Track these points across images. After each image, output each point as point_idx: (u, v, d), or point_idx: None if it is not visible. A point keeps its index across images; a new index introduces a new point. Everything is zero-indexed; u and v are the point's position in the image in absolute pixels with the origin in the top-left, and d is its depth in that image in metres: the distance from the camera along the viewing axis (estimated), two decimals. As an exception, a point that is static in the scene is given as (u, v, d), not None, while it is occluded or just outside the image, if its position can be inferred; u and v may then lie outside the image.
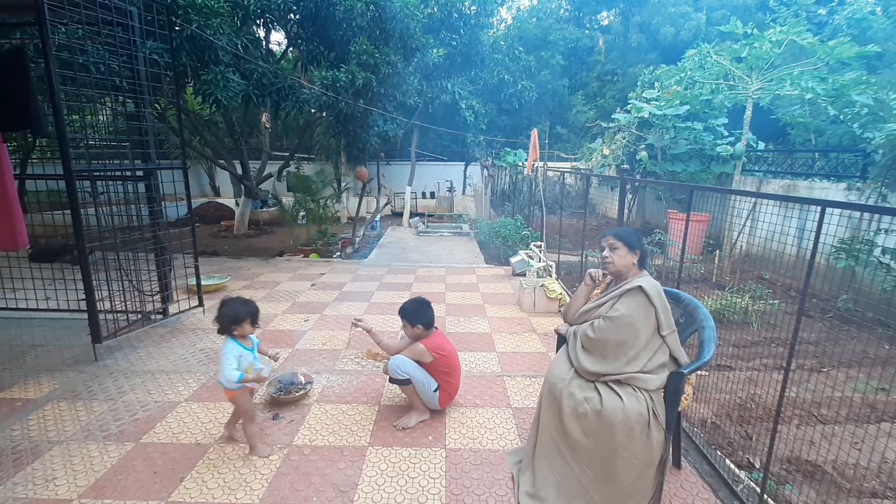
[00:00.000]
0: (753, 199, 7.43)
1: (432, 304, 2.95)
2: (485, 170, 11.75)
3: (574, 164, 12.88)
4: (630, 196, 11.70)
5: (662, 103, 8.02)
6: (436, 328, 2.96)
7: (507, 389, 3.29)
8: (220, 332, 2.48)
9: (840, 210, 2.73)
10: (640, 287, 2.10)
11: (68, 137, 3.41)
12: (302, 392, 3.06)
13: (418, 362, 2.83)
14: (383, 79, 6.81)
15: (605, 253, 2.26)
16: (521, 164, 9.83)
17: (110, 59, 3.91)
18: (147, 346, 4.00)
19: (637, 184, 10.52)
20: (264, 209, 12.20)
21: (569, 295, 5.24)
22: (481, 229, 9.40)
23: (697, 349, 2.22)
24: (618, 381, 2.04)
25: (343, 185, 9.80)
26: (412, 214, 12.24)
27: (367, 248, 8.84)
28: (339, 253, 8.20)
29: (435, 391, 2.83)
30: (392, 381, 2.82)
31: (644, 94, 9.35)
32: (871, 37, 8.97)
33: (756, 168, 8.49)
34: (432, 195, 15.19)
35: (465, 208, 14.53)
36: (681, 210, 8.27)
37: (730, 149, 7.73)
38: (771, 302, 5.13)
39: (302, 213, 9.18)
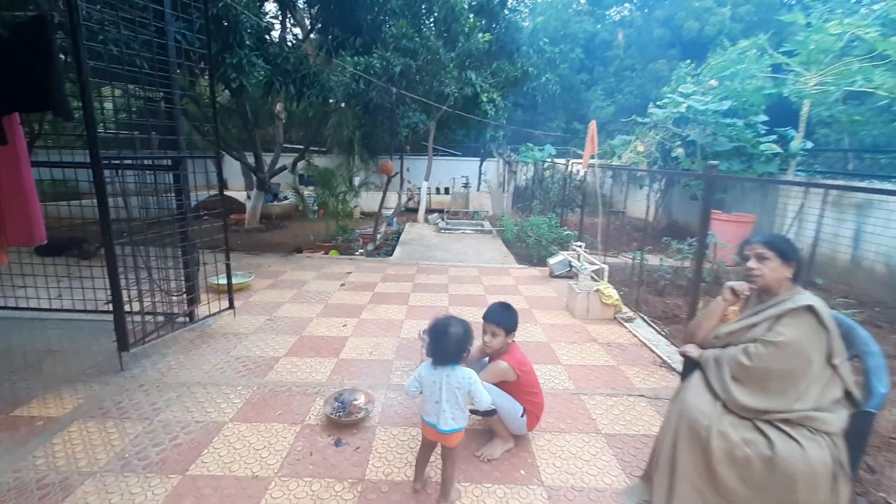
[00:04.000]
0: (801, 200, 7.07)
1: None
2: (508, 165, 11.35)
3: (592, 161, 12.48)
4: (657, 194, 11.34)
5: (707, 98, 7.62)
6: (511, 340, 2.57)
7: (588, 410, 2.93)
8: (442, 362, 2.01)
9: None
10: (810, 307, 1.74)
11: (95, 121, 3.01)
12: (363, 414, 2.69)
13: (501, 384, 2.46)
14: (422, 66, 6.40)
15: (752, 264, 1.88)
16: (549, 159, 9.44)
17: (137, 37, 3.51)
18: (176, 353, 3.62)
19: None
20: (276, 203, 11.80)
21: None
22: (506, 227, 9.03)
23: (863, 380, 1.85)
24: (787, 421, 1.68)
25: (362, 179, 9.41)
26: (427, 210, 11.87)
27: (389, 246, 8.46)
28: (360, 250, 7.82)
29: (522, 416, 2.47)
30: (474, 413, 2.45)
31: (680, 89, 8.96)
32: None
33: (800, 168, 8.11)
34: (447, 191, 14.80)
35: (481, 205, 14.13)
36: (724, 210, 7.89)
37: (773, 146, 7.36)
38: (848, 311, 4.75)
39: (314, 208, 8.79)
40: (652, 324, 4.56)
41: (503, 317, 2.44)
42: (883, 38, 5.43)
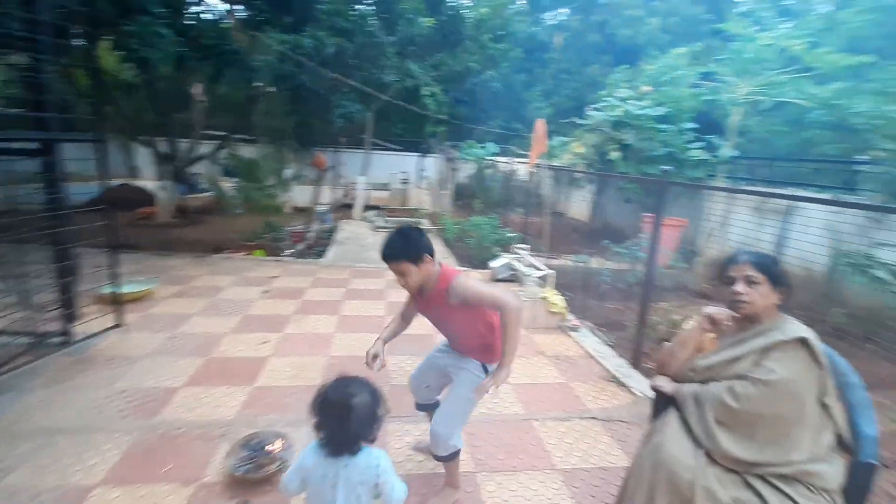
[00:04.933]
0: (725, 205, 7.38)
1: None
2: (449, 162, 11.03)
3: (539, 161, 12.52)
4: (592, 196, 11.57)
5: (643, 103, 7.74)
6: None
7: (541, 440, 2.64)
8: (341, 449, 1.43)
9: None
10: (803, 340, 1.51)
11: None
12: (278, 465, 2.20)
13: (468, 312, 1.93)
14: (359, 49, 5.83)
15: (741, 288, 1.63)
16: (491, 157, 9.24)
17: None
18: (43, 386, 2.88)
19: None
20: (194, 195, 10.63)
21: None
22: (447, 227, 8.71)
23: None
24: (781, 476, 1.44)
25: (294, 171, 8.64)
26: (364, 207, 11.27)
27: (323, 245, 7.82)
28: (290, 250, 7.13)
29: (486, 371, 2.01)
30: (438, 458, 2.04)
31: (617, 93, 9.10)
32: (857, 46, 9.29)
33: (726, 175, 8.51)
34: (385, 187, 14.23)
35: (421, 202, 13.74)
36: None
37: (701, 153, 7.63)
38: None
39: (238, 202, 7.92)
40: (598, 333, 4.41)
41: (404, 248, 1.84)
42: (809, 50, 5.70)
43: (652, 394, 2.65)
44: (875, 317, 4.58)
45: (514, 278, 5.90)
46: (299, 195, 10.50)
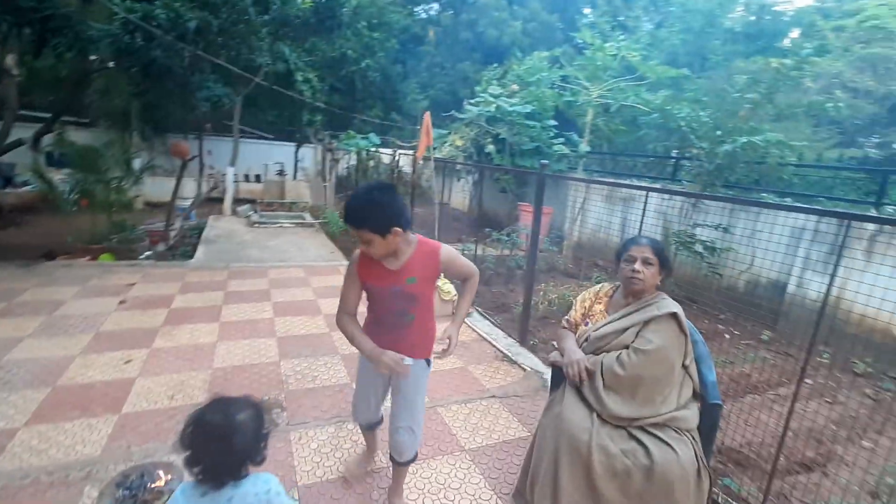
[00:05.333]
0: (584, 194, 8.37)
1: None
2: (329, 153, 10.60)
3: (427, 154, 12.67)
4: (471, 186, 12.15)
5: (514, 100, 8.33)
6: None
7: (448, 425, 2.75)
8: (220, 479, 1.25)
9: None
10: (675, 314, 1.82)
11: None
12: (167, 498, 1.94)
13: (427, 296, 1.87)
14: (226, 26, 5.20)
15: (638, 266, 1.89)
16: (373, 148, 9.11)
17: None
18: None
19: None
20: (10, 189, 8.62)
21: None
22: (331, 220, 8.42)
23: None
24: (655, 425, 1.73)
25: (144, 161, 7.43)
26: (235, 201, 10.30)
27: (188, 245, 6.97)
28: (148, 252, 6.22)
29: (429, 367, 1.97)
30: (404, 463, 1.99)
31: (490, 90, 9.64)
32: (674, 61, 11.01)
33: (584, 168, 9.61)
34: (258, 178, 13.16)
35: (299, 195, 13.00)
36: (529, 202, 8.80)
37: (564, 148, 8.53)
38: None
39: (72, 198, 6.63)
40: (487, 316, 4.70)
41: (369, 216, 1.63)
42: (643, 62, 6.69)
43: (541, 367, 2.91)
44: (695, 283, 5.65)
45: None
46: (154, 189, 9.18)
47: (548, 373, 3.43)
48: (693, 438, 1.72)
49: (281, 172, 13.02)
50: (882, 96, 10.81)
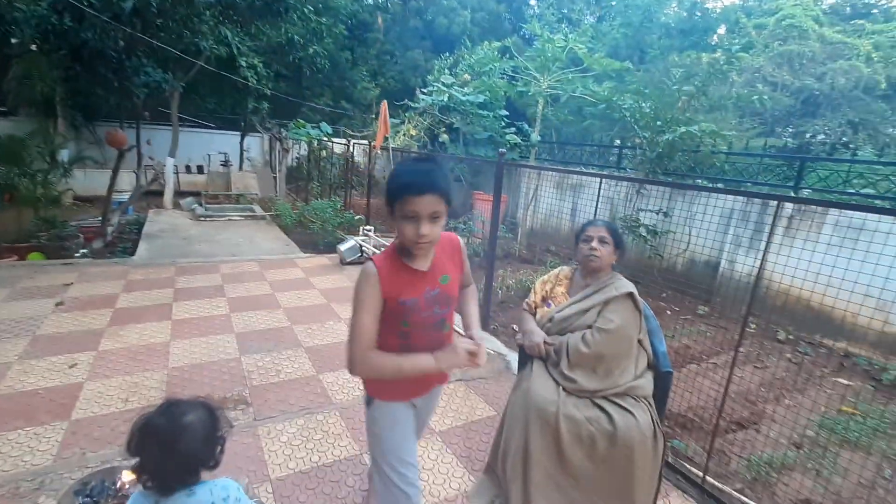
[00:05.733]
0: (536, 183, 8.63)
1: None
2: (278, 142, 10.24)
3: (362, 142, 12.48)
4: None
5: (467, 90, 8.40)
6: None
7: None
8: (173, 484, 1.20)
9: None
10: (630, 294, 1.97)
11: None
12: None
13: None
14: (166, 6, 4.85)
15: (595, 245, 2.02)
16: (325, 138, 8.89)
17: None
18: None
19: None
20: None
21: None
22: (283, 212, 8.18)
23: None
24: (616, 394, 1.87)
25: (73, 152, 6.82)
26: (176, 194, 9.74)
27: (128, 241, 6.55)
28: (83, 250, 5.79)
29: None
30: None
31: (442, 80, 9.65)
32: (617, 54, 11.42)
33: (535, 157, 9.87)
34: (200, 170, 12.47)
35: (246, 186, 12.48)
36: (486, 192, 8.94)
37: (516, 138, 8.73)
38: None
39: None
40: (448, 303, 4.78)
41: (444, 180, 1.27)
42: (589, 54, 6.95)
43: (503, 350, 3.05)
44: (639, 265, 6.02)
45: (362, 260, 5.93)
46: (86, 182, 8.49)
47: (510, 355, 3.58)
48: (649, 404, 1.89)
49: (226, 163, 12.41)
50: (797, 90, 11.84)
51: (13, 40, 5.02)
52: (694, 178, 6.50)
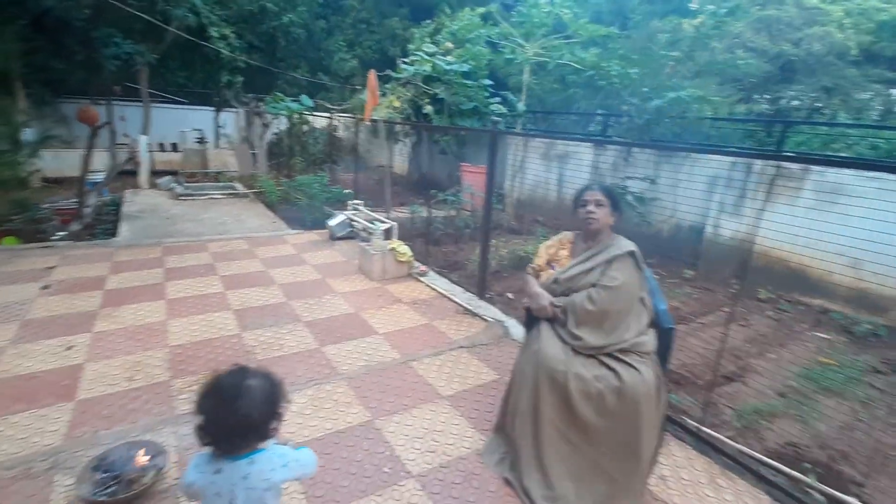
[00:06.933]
0: (521, 154, 8.62)
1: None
2: (258, 117, 9.92)
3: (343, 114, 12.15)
4: (410, 149, 11.97)
5: (450, 58, 8.22)
6: None
7: (423, 377, 2.87)
8: (235, 450, 1.23)
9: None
10: (631, 252, 2.03)
11: None
12: (153, 473, 1.89)
13: None
14: None
15: (591, 208, 2.07)
16: (306, 112, 8.65)
17: None
18: None
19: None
20: None
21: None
22: (268, 189, 8.02)
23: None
24: (621, 350, 1.95)
25: (38, 131, 6.48)
26: (152, 173, 9.40)
27: (107, 223, 6.35)
28: (61, 233, 5.60)
29: None
30: None
31: (424, 48, 9.40)
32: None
33: (521, 127, 9.79)
34: (175, 147, 12.04)
35: (224, 164, 12.12)
36: (473, 164, 8.90)
37: (500, 107, 8.63)
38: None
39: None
40: (443, 274, 4.82)
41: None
42: (574, 19, 6.85)
43: (501, 316, 3.12)
44: (627, 231, 6.14)
45: (351, 235, 5.89)
46: (54, 163, 8.13)
47: (508, 321, 3.66)
48: (654, 360, 1.97)
49: (201, 140, 12.00)
50: (775, 55, 11.93)
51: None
52: (680, 144, 6.56)
